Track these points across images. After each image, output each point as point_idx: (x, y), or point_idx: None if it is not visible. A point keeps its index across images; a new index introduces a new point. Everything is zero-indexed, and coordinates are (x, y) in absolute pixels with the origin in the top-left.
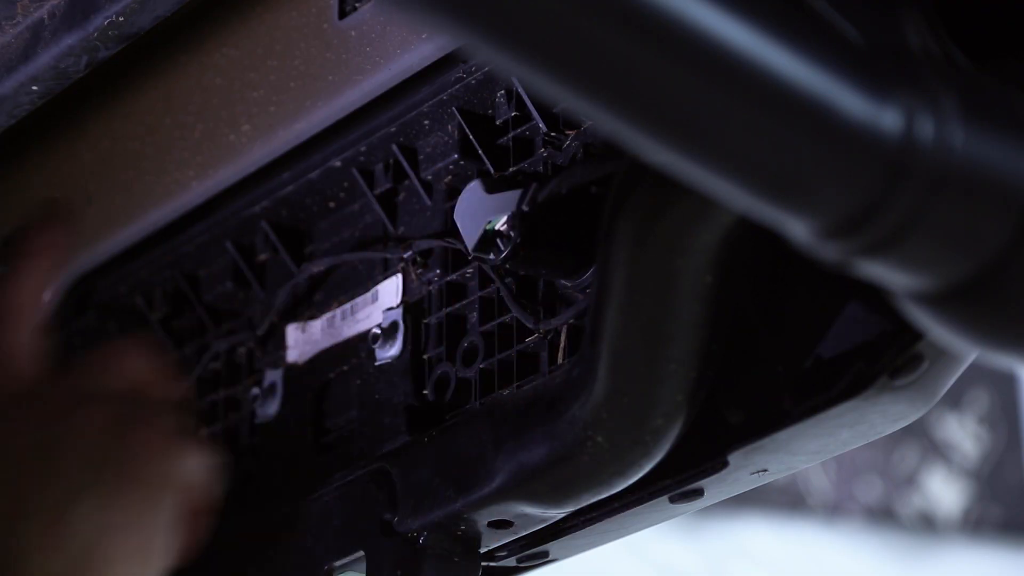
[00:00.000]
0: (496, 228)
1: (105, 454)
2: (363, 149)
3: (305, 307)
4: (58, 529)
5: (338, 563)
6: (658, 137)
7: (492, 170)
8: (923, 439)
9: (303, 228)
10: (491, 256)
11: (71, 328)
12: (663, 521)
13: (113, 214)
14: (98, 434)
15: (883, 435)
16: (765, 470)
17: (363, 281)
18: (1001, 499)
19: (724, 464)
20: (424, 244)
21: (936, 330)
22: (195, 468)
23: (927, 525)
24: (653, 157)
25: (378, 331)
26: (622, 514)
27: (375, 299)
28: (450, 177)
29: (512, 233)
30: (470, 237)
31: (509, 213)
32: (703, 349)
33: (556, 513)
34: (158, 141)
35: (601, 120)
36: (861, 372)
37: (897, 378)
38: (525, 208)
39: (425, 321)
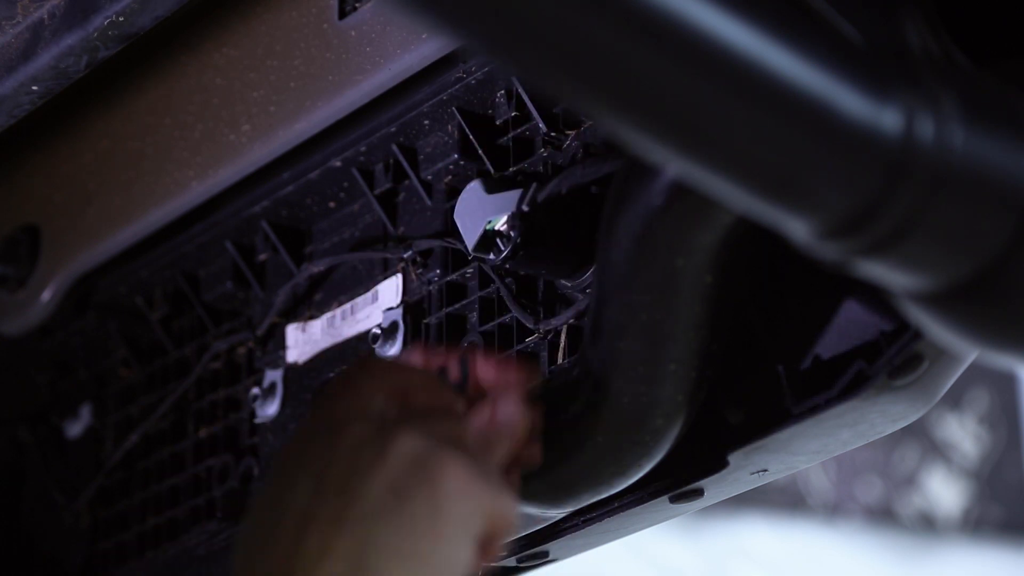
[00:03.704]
0: (496, 228)
1: (410, 483)
2: (363, 149)
3: (305, 307)
4: (348, 543)
5: None
6: (658, 136)
7: (492, 170)
8: (923, 439)
9: (303, 228)
10: (491, 256)
11: (71, 328)
12: (663, 521)
13: (113, 214)
14: (406, 462)
15: (883, 435)
16: (765, 470)
17: (363, 281)
18: (1001, 499)
19: (724, 464)
20: (424, 244)
21: (936, 330)
22: (497, 509)
23: (927, 525)
24: (653, 157)
25: (378, 331)
26: (622, 514)
27: (375, 299)
28: (450, 177)
29: (512, 233)
30: (470, 237)
31: (509, 213)
32: (703, 349)
33: (556, 513)
34: (158, 141)
35: (602, 119)
36: (861, 372)
37: (897, 378)
38: (525, 208)
39: (425, 321)
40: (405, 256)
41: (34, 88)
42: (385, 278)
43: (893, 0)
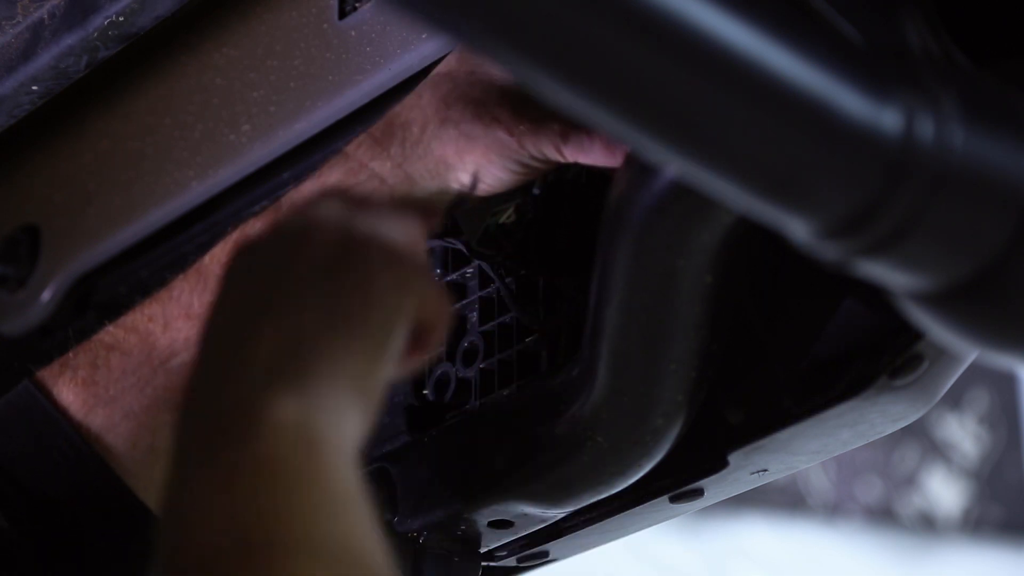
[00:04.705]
0: (500, 222)
1: (339, 258)
2: None
3: None
4: (275, 323)
5: None
6: (659, 136)
7: None
8: (923, 439)
9: None
10: (495, 252)
11: (71, 328)
12: (663, 521)
13: (113, 214)
14: (335, 241)
15: (883, 435)
16: (765, 470)
17: None
18: (1001, 499)
19: (724, 464)
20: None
21: (936, 330)
22: (430, 293)
23: (927, 525)
24: (654, 156)
25: None
26: (622, 514)
27: None
28: None
29: (520, 222)
30: (471, 233)
31: (515, 202)
32: (703, 349)
33: (556, 513)
34: (158, 141)
35: (602, 120)
36: (861, 372)
37: (897, 378)
38: (536, 191)
39: None
40: None
41: (34, 88)
42: None
43: (893, 0)
